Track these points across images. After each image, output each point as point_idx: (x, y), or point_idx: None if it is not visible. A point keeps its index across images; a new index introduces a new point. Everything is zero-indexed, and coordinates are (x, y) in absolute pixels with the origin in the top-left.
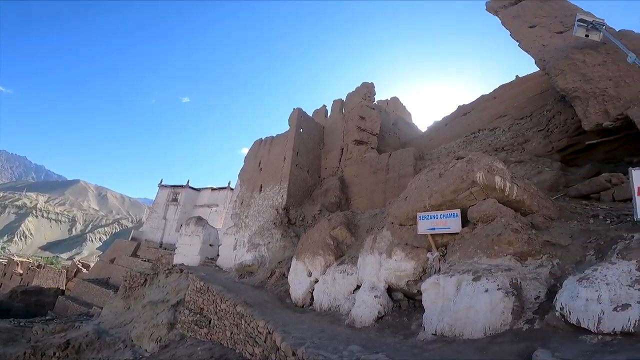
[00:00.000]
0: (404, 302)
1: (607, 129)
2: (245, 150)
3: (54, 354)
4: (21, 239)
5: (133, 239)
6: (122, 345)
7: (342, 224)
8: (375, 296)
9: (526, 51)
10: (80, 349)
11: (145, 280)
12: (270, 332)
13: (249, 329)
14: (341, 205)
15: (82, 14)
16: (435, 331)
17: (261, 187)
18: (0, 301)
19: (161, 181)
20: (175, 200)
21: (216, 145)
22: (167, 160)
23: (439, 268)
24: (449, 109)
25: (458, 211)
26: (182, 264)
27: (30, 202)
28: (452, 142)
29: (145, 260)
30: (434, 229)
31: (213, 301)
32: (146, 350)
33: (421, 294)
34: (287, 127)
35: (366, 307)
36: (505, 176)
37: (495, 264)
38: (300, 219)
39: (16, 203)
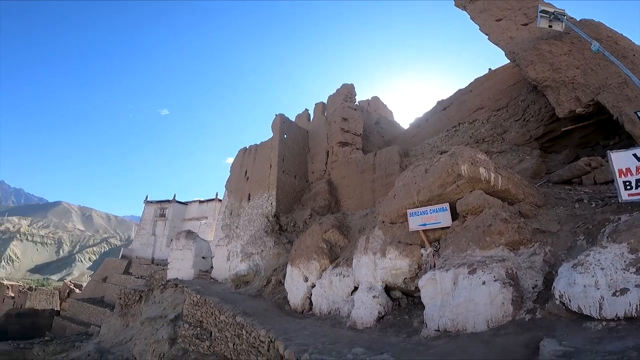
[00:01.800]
0: (403, 300)
1: (580, 115)
2: (230, 160)
3: None
4: (8, 263)
5: (123, 256)
6: None
7: (333, 227)
8: (374, 296)
9: (495, 44)
10: None
11: (141, 297)
12: (272, 340)
13: (250, 339)
14: (331, 207)
15: (50, 27)
16: (438, 327)
17: (249, 196)
18: None
19: (147, 197)
20: (163, 215)
21: (200, 157)
22: (151, 175)
23: (434, 263)
24: (429, 104)
25: (447, 205)
26: (177, 278)
27: (14, 227)
28: (435, 137)
29: (138, 277)
30: (425, 224)
31: (212, 313)
32: None
33: (419, 290)
34: (271, 134)
35: (366, 308)
36: (489, 167)
37: (489, 255)
38: (292, 224)
39: None
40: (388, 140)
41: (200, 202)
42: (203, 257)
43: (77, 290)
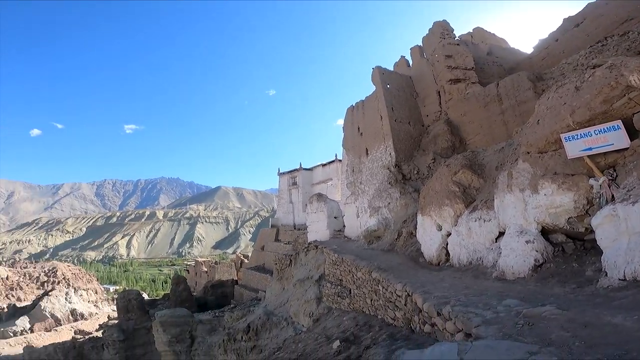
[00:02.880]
0: (569, 245)
1: None
2: (340, 122)
3: (242, 337)
4: (198, 243)
5: (272, 226)
6: (285, 323)
7: (464, 167)
8: (527, 241)
9: None
10: (257, 330)
11: (291, 261)
12: (410, 294)
13: (387, 294)
14: (455, 148)
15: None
16: (624, 275)
17: (367, 150)
18: (198, 297)
19: (279, 170)
20: (295, 184)
21: (311, 125)
22: (278, 149)
23: (612, 196)
24: (548, 27)
25: (619, 122)
26: (315, 240)
27: (195, 213)
28: (575, 56)
29: (286, 243)
30: (590, 148)
31: (349, 271)
32: (303, 325)
33: (592, 232)
34: (373, 89)
35: (517, 256)
36: None
37: None
38: (415, 172)
39: (185, 216)
40: (510, 68)
41: (323, 165)
42: (335, 217)
43: (246, 261)
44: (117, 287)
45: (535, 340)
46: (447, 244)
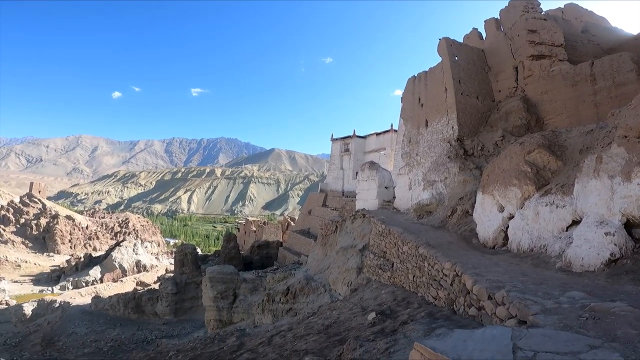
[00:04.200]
0: None
1: None
2: (398, 92)
3: (280, 299)
4: (250, 202)
5: (321, 190)
6: (322, 290)
7: (541, 146)
8: (607, 233)
9: None
10: (295, 294)
11: (336, 227)
12: (459, 274)
13: (432, 271)
14: (530, 127)
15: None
16: None
17: (427, 122)
18: (245, 256)
19: (332, 136)
20: (347, 150)
21: (369, 93)
22: (332, 116)
23: None
24: None
25: None
26: (364, 208)
27: (249, 173)
28: None
29: (333, 209)
30: None
31: (395, 244)
32: (340, 293)
33: None
34: (438, 60)
35: (591, 247)
36: None
37: None
38: (479, 148)
39: (241, 175)
40: (610, 48)
41: (377, 134)
42: (386, 187)
43: (292, 223)
44: (177, 241)
45: (598, 335)
46: (507, 227)
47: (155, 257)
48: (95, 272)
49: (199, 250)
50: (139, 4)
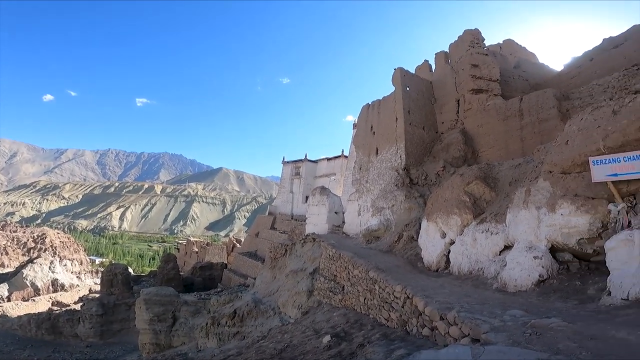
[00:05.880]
0: (574, 264)
1: None
2: (350, 118)
3: (226, 322)
4: (192, 222)
5: (270, 213)
6: (272, 313)
7: (477, 178)
8: (535, 257)
9: None
10: (243, 317)
11: (286, 250)
12: (410, 296)
13: (383, 294)
14: (467, 159)
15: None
16: (627, 296)
17: (377, 150)
18: (186, 277)
19: (284, 158)
20: (298, 174)
21: (321, 117)
22: (285, 138)
23: (628, 222)
24: (584, 45)
25: None
26: (314, 232)
27: (193, 191)
28: (607, 77)
29: (281, 232)
30: (616, 174)
31: (345, 268)
32: (290, 316)
33: (599, 254)
34: (390, 90)
35: (522, 270)
36: None
37: None
38: (423, 177)
39: (183, 193)
40: (535, 84)
41: (328, 159)
42: (336, 212)
43: (238, 245)
44: (104, 260)
45: (543, 349)
46: (449, 252)
47: (77, 277)
48: (2, 289)
49: (131, 270)
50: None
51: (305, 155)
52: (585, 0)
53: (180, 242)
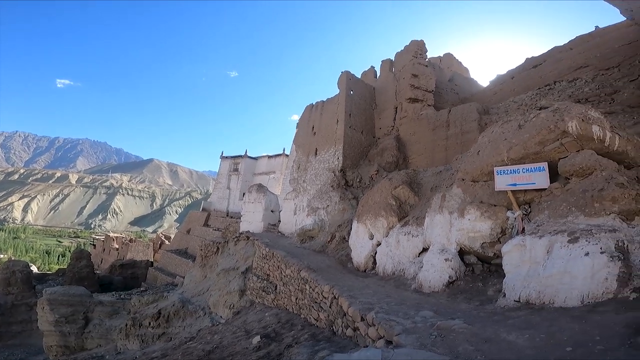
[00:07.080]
0: (478, 266)
1: None
2: (295, 117)
3: (149, 323)
4: (113, 216)
5: (203, 209)
6: (202, 313)
7: (404, 183)
8: (446, 259)
9: (609, 1)
10: (169, 317)
11: (218, 248)
12: (336, 297)
13: (313, 294)
14: (399, 164)
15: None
16: (519, 298)
17: (316, 150)
18: (102, 276)
19: (222, 153)
20: (236, 170)
21: (267, 114)
22: (225, 132)
23: (522, 228)
24: (510, 63)
25: (545, 164)
26: (248, 231)
27: (117, 182)
28: (522, 95)
29: (215, 230)
30: (515, 184)
31: (278, 267)
32: (221, 316)
33: (499, 257)
34: (335, 92)
35: (435, 271)
36: (603, 125)
37: (596, 223)
38: (358, 180)
39: (105, 184)
40: (464, 97)
41: (269, 157)
42: (272, 211)
43: (167, 242)
44: (2, 256)
45: (445, 352)
46: (375, 253)
47: None
48: None
49: (34, 268)
50: None
51: (246, 151)
52: (527, 17)
53: (97, 237)
